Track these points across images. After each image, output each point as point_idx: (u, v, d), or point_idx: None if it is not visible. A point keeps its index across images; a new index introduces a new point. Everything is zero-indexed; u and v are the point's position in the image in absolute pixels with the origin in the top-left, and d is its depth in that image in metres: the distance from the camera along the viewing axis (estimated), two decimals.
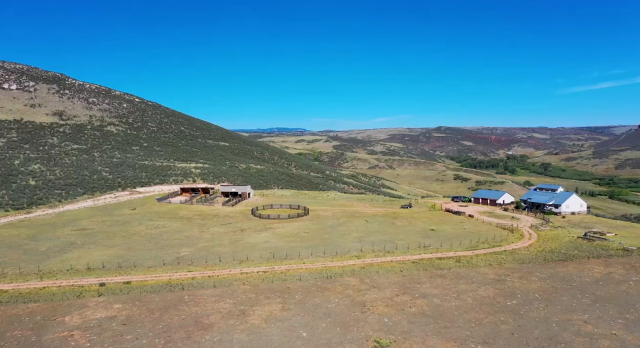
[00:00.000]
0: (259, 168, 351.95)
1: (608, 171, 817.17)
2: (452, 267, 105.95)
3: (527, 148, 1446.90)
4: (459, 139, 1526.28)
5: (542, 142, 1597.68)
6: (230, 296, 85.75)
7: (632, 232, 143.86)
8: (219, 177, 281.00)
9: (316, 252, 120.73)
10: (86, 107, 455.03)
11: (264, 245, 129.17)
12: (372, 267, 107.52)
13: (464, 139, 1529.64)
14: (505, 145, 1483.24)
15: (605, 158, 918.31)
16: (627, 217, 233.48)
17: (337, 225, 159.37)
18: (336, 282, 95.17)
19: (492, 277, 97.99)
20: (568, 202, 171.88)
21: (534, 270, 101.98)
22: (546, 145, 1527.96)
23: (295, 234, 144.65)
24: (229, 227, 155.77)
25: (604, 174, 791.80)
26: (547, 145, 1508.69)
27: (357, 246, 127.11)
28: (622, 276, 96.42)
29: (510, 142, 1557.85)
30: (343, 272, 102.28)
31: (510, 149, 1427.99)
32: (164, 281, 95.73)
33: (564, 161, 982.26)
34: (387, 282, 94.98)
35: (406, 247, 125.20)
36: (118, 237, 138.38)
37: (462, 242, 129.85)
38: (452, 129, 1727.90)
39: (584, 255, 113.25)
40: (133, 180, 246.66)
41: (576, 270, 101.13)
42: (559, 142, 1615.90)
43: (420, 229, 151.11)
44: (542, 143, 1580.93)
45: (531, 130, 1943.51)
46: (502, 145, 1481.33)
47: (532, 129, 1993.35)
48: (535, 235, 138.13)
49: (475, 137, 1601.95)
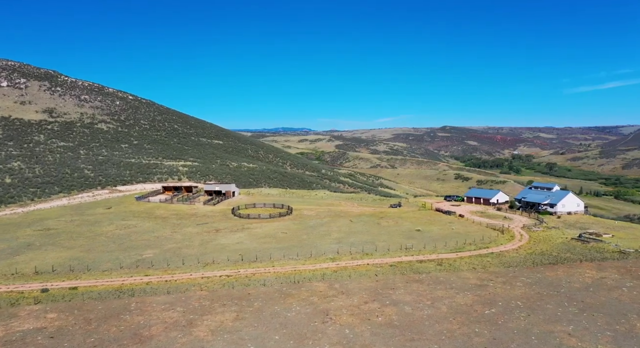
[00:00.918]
0: (251, 166, 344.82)
1: (615, 171, 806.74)
2: (432, 271, 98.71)
3: (533, 148, 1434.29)
4: (464, 139, 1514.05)
5: (548, 142, 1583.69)
6: (183, 303, 78.78)
7: (631, 233, 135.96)
8: (206, 175, 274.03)
9: (289, 254, 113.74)
10: (78, 104, 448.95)
11: (236, 247, 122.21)
12: (346, 270, 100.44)
13: (469, 139, 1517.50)
14: (510, 145, 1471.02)
15: (612, 158, 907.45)
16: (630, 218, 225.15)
17: (319, 225, 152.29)
18: (303, 287, 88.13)
19: (473, 282, 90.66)
20: (564, 201, 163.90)
21: (519, 275, 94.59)
22: (552, 145, 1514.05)
23: (272, 235, 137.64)
24: (204, 227, 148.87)
25: (610, 173, 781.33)
26: (553, 145, 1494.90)
27: (335, 248, 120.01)
28: (616, 281, 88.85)
29: (516, 141, 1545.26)
30: (313, 276, 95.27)
31: (516, 148, 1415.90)
32: (115, 286, 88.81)
33: (569, 161, 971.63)
34: (358, 287, 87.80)
35: (386, 249, 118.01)
36: (82, 238, 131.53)
37: (447, 244, 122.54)
38: (457, 129, 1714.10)
39: (576, 258, 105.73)
40: (115, 179, 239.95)
41: (566, 275, 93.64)
42: (565, 142, 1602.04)
43: (405, 230, 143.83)
44: (548, 143, 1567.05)
45: (538, 130, 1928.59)
46: (508, 145, 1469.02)
47: (539, 129, 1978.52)
48: (527, 236, 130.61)
49: (480, 136, 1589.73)
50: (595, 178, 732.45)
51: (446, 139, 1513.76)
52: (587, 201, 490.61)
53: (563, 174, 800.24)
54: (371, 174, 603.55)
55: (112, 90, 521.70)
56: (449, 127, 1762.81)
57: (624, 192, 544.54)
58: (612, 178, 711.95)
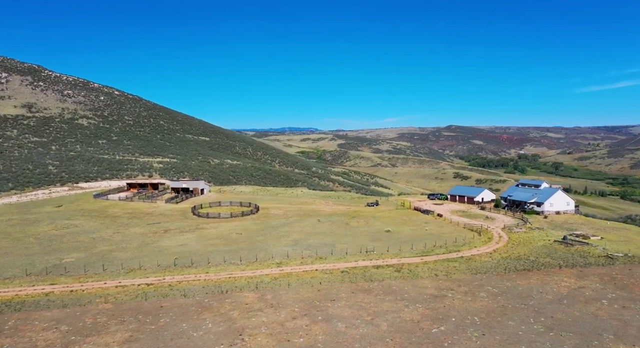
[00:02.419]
0: (234, 163, 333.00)
1: (622, 171, 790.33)
2: (387, 278, 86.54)
3: (540, 147, 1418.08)
4: (470, 138, 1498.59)
5: (555, 142, 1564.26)
6: (73, 320, 66.84)
7: (623, 235, 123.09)
8: (181, 172, 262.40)
9: (232, 258, 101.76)
10: (60, 99, 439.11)
11: (176, 250, 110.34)
12: (289, 277, 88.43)
13: (474, 138, 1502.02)
14: (517, 145, 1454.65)
15: (620, 157, 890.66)
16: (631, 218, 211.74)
17: (281, 226, 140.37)
18: (229, 298, 76.16)
19: (430, 291, 78.51)
20: (552, 199, 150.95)
21: (486, 283, 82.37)
22: (560, 144, 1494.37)
23: (225, 236, 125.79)
24: (152, 228, 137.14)
25: (618, 173, 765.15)
26: (561, 145, 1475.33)
27: (287, 251, 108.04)
28: (595, 292, 76.45)
29: (522, 141, 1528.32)
30: (247, 285, 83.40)
31: (522, 148, 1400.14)
32: (6, 298, 76.99)
33: (576, 160, 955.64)
34: (294, 298, 75.75)
35: (344, 253, 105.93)
36: (8, 239, 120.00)
37: (414, 246, 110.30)
38: (463, 128, 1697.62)
39: (556, 264, 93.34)
40: (80, 175, 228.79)
41: (539, 284, 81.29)
42: (573, 141, 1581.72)
43: (374, 230, 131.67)
44: (555, 142, 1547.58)
45: (545, 130, 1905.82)
46: (514, 145, 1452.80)
47: (547, 129, 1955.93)
48: (506, 238, 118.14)
49: (486, 136, 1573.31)
50: (602, 178, 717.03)
51: (451, 139, 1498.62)
52: (592, 201, 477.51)
53: (569, 174, 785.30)
54: (366, 173, 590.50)
55: (98, 86, 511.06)
56: (455, 126, 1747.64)
57: (631, 192, 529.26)
58: (620, 178, 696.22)
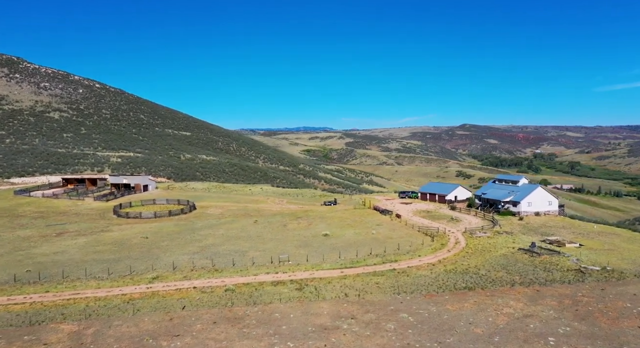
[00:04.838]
0: (208, 159, 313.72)
1: None
2: (276, 301, 66.41)
3: (557, 147, 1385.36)
4: (484, 137, 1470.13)
5: (574, 141, 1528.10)
6: None
7: (608, 241, 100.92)
8: (139, 167, 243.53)
9: (99, 272, 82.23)
10: (35, 92, 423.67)
11: (47, 258, 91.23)
12: (151, 298, 68.64)
13: (489, 137, 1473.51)
14: (533, 144, 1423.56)
15: None
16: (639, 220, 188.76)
17: (205, 227, 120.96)
18: (30, 334, 56.43)
19: (321, 321, 58.29)
20: (530, 198, 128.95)
21: (404, 308, 61.94)
22: (579, 144, 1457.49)
23: (124, 241, 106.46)
24: (49, 229, 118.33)
25: (638, 173, 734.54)
26: (579, 144, 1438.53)
27: (183, 260, 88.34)
28: (544, 324, 55.59)
29: (539, 140, 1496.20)
30: (79, 311, 64.20)
31: (539, 147, 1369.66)
32: None
33: (595, 160, 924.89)
34: (126, 332, 55.95)
35: (251, 263, 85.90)
36: None
37: (344, 255, 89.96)
38: (477, 127, 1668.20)
39: (509, 280, 72.57)
40: (18, 169, 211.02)
41: (474, 310, 60.62)
42: (593, 140, 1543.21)
43: (310, 234, 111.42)
44: (574, 141, 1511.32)
45: (564, 129, 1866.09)
46: (530, 144, 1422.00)
47: (566, 127, 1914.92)
48: (464, 244, 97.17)
49: (501, 135, 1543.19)
50: (621, 178, 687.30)
51: (465, 137, 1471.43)
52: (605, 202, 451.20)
53: (585, 174, 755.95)
54: (363, 171, 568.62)
55: (78, 78, 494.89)
56: (469, 125, 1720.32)
57: None
58: (639, 178, 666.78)
